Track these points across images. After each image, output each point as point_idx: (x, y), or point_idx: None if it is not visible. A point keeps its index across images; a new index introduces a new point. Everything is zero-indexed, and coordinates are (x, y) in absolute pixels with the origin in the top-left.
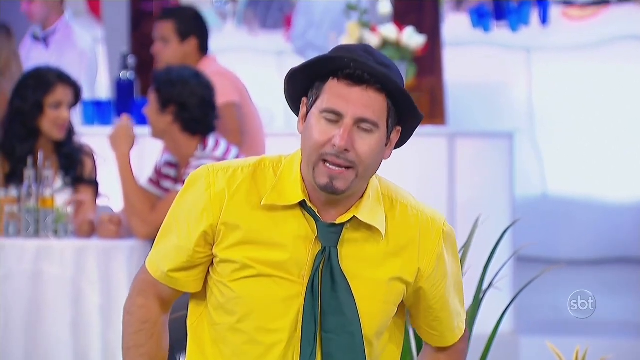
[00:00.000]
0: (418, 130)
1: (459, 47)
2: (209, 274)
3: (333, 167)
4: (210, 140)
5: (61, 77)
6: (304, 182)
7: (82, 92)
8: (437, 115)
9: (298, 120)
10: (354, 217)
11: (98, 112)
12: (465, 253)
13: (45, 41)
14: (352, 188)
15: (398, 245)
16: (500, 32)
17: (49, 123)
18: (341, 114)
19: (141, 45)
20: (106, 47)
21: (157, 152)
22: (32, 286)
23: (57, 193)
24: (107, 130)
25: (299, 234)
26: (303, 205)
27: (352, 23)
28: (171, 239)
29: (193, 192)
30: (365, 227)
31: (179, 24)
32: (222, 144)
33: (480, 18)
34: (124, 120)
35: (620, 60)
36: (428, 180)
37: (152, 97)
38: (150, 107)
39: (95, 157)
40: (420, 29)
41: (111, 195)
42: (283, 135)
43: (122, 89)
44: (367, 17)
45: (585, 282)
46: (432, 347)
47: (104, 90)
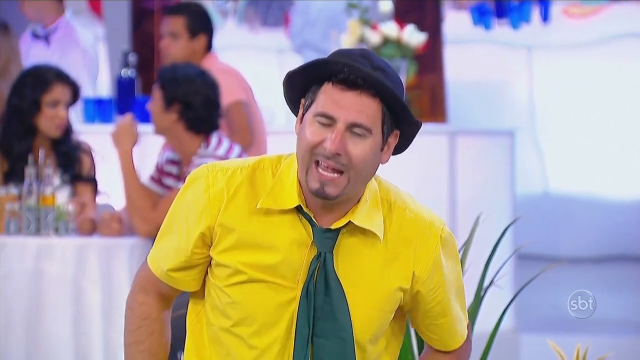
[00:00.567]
0: None
1: (460, 45)
2: (206, 274)
3: (325, 172)
4: (213, 139)
5: (59, 76)
6: (300, 186)
7: (80, 91)
8: (438, 113)
9: (295, 122)
10: (350, 222)
11: (99, 110)
12: (466, 251)
13: (47, 39)
14: (345, 193)
15: (394, 250)
16: (501, 30)
17: (46, 121)
18: (334, 118)
19: (142, 43)
20: (107, 45)
21: (159, 149)
22: (33, 284)
23: (56, 191)
24: (108, 128)
25: (295, 238)
26: (299, 209)
27: (353, 21)
28: (171, 238)
29: (192, 191)
30: (362, 231)
31: (190, 20)
32: (225, 142)
33: (481, 16)
34: (127, 118)
35: (622, 58)
36: (429, 179)
37: (156, 94)
38: (155, 104)
39: (93, 155)
40: (421, 27)
41: (111, 192)
42: (284, 133)
43: (123, 87)
44: (368, 14)
45: (586, 280)
46: (434, 348)
47: (105, 88)
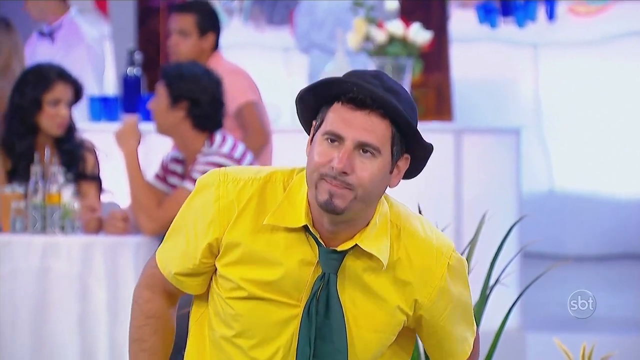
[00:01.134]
0: (425, 126)
1: (466, 43)
2: (212, 281)
3: (334, 183)
4: (218, 137)
5: (61, 75)
6: (309, 206)
7: (83, 89)
8: (443, 112)
9: (307, 143)
10: (357, 245)
11: (105, 108)
12: (472, 249)
13: (51, 36)
14: (352, 209)
15: (399, 276)
16: (506, 28)
17: (48, 120)
18: (342, 137)
19: (148, 42)
20: (113, 44)
21: (163, 148)
22: (39, 282)
23: (63, 189)
24: (114, 127)
25: (301, 256)
26: (307, 228)
27: (359, 19)
28: (179, 242)
29: (202, 199)
30: (368, 255)
31: (200, 18)
32: (229, 140)
33: (486, 14)
34: (131, 118)
35: (627, 56)
36: (435, 177)
37: (161, 92)
38: (159, 102)
39: (97, 153)
40: (427, 25)
41: (115, 190)
42: (289, 131)
43: (129, 85)
44: (374, 13)
45: (592, 279)
46: None
47: (111, 87)
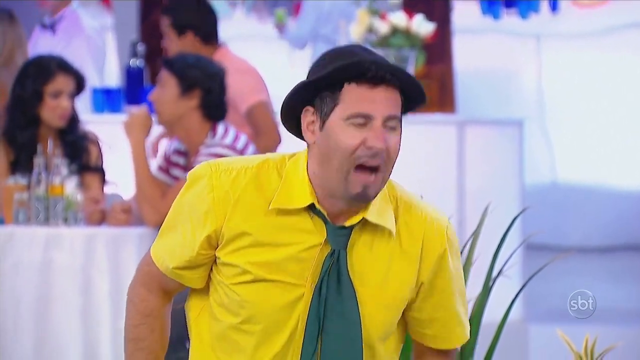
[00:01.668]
0: (427, 118)
1: (469, 34)
2: (212, 272)
3: (366, 174)
4: (220, 128)
5: (62, 66)
6: (311, 185)
7: (85, 80)
8: (446, 103)
9: (304, 130)
10: (363, 219)
11: (108, 100)
12: (475, 241)
13: (52, 28)
14: (378, 192)
15: (403, 246)
16: (510, 19)
17: (49, 112)
18: (370, 116)
19: (151, 34)
20: (116, 35)
21: (166, 139)
22: (42, 274)
23: (66, 181)
24: (117, 118)
25: (306, 237)
26: (311, 208)
27: (362, 10)
28: (175, 236)
29: (195, 192)
30: (374, 228)
31: (174, 19)
32: (231, 131)
33: (490, 5)
34: (142, 108)
35: (631, 48)
36: (437, 169)
37: (169, 81)
38: (167, 92)
39: (100, 145)
40: (430, 17)
41: (119, 182)
42: None
43: (132, 76)
44: (377, 4)
45: (594, 270)
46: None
47: (114, 78)
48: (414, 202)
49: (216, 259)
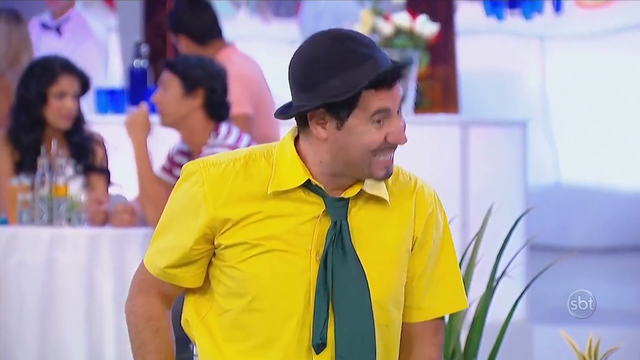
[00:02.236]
0: (431, 118)
1: (472, 35)
2: (212, 265)
3: (388, 158)
4: (223, 128)
5: (66, 67)
6: (303, 163)
7: (90, 81)
8: (450, 104)
9: (314, 126)
10: (360, 190)
11: (111, 101)
12: (478, 242)
13: (58, 30)
14: None
15: (397, 212)
16: (513, 20)
17: (53, 113)
18: (389, 109)
19: (154, 34)
20: (120, 36)
21: (170, 140)
22: (46, 274)
23: (70, 181)
24: (121, 119)
25: (304, 212)
26: (306, 185)
27: (366, 11)
28: (168, 237)
29: (186, 188)
30: (369, 198)
31: (169, 21)
32: (234, 131)
33: (493, 6)
34: (142, 108)
35: (634, 49)
36: (441, 169)
37: (172, 82)
38: (170, 93)
39: (106, 146)
40: (433, 17)
41: (123, 183)
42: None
43: (136, 77)
44: (381, 5)
45: (598, 271)
46: (405, 336)
47: (118, 79)
48: (400, 170)
49: (215, 251)
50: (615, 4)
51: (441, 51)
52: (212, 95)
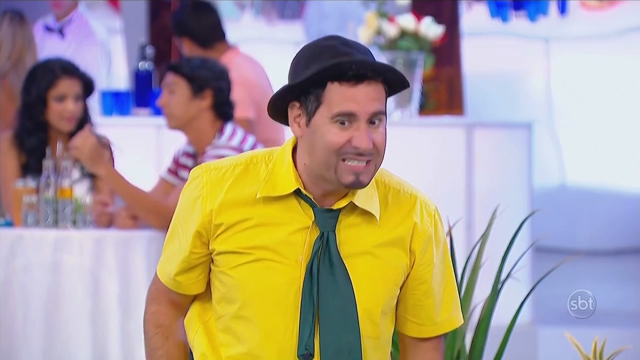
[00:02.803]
0: (436, 120)
1: (478, 37)
2: (210, 271)
3: (357, 163)
4: (228, 129)
5: (66, 70)
6: (297, 172)
7: (93, 83)
8: (455, 106)
9: (291, 123)
10: (350, 202)
11: (116, 103)
12: (483, 244)
13: (61, 32)
14: (372, 178)
15: (392, 228)
16: (518, 22)
17: (55, 116)
18: (354, 114)
19: (159, 36)
20: (124, 38)
21: (176, 141)
22: (51, 276)
23: (75, 184)
24: (125, 121)
25: (294, 221)
26: (298, 194)
27: (370, 13)
28: (174, 243)
29: (188, 194)
30: (361, 211)
31: (172, 24)
32: (239, 132)
33: (498, 8)
34: (87, 138)
35: (639, 50)
36: (446, 171)
37: (179, 85)
38: (178, 96)
39: (112, 148)
40: (438, 19)
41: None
42: None
43: (141, 79)
44: (385, 7)
45: (603, 273)
46: (408, 340)
47: (123, 81)
48: (403, 186)
49: (211, 256)
50: (620, 5)
51: (446, 53)
52: (220, 94)
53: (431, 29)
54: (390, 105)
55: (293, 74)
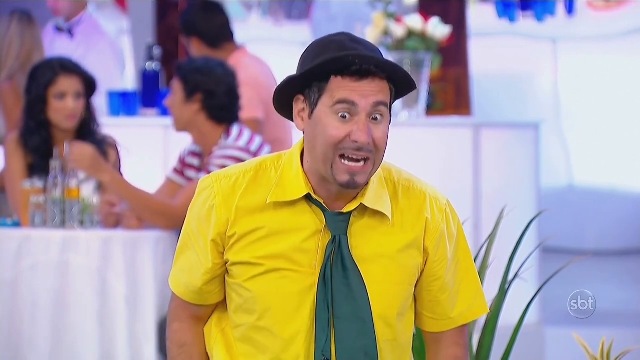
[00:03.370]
0: (443, 120)
1: (485, 37)
2: (225, 280)
3: (352, 163)
4: (234, 130)
5: (65, 67)
6: (306, 176)
7: (95, 80)
8: (462, 106)
9: (295, 117)
10: (361, 204)
11: (124, 103)
12: (491, 244)
13: (70, 32)
14: (370, 178)
15: (406, 226)
16: (525, 22)
17: (55, 114)
18: (355, 104)
19: (166, 36)
20: (132, 38)
21: (183, 142)
22: (58, 277)
23: (82, 184)
24: (133, 121)
25: (307, 226)
26: (308, 197)
27: (378, 14)
28: (190, 255)
29: (200, 204)
30: (372, 212)
31: (180, 24)
32: (246, 133)
33: (505, 8)
34: (84, 147)
35: None
36: (453, 171)
37: (177, 87)
38: (175, 98)
39: (118, 148)
40: (445, 20)
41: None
42: None
43: (148, 79)
44: (392, 7)
45: (611, 273)
46: (429, 335)
47: (130, 81)
48: (413, 184)
49: (227, 267)
50: (627, 5)
51: (453, 53)
52: (210, 98)
53: (438, 29)
54: (398, 106)
55: (300, 68)
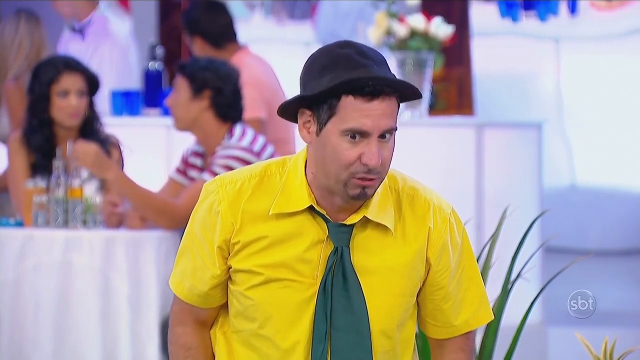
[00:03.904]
0: (446, 120)
1: (488, 37)
2: (227, 286)
3: (365, 182)
4: (237, 130)
5: (68, 65)
6: (309, 186)
7: (98, 79)
8: (465, 106)
9: (300, 128)
10: (364, 216)
11: (127, 103)
12: (493, 244)
13: (82, 33)
14: (376, 190)
15: (408, 236)
16: (528, 22)
17: (58, 111)
18: (367, 132)
19: (169, 36)
20: (134, 38)
21: (186, 142)
22: (61, 276)
23: (85, 183)
24: (136, 121)
25: (309, 236)
26: (311, 208)
27: (380, 13)
28: (194, 259)
29: (204, 209)
30: (375, 224)
31: (183, 23)
32: (249, 133)
33: (508, 8)
34: (87, 146)
35: None
36: (456, 171)
37: (182, 85)
38: (180, 96)
39: (121, 148)
40: (448, 19)
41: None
42: None
43: (151, 79)
44: (395, 7)
45: (614, 273)
46: (433, 341)
47: (133, 81)
48: (417, 192)
49: (230, 270)
50: (630, 5)
51: (456, 53)
52: (219, 96)
53: (441, 28)
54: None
55: (306, 80)
